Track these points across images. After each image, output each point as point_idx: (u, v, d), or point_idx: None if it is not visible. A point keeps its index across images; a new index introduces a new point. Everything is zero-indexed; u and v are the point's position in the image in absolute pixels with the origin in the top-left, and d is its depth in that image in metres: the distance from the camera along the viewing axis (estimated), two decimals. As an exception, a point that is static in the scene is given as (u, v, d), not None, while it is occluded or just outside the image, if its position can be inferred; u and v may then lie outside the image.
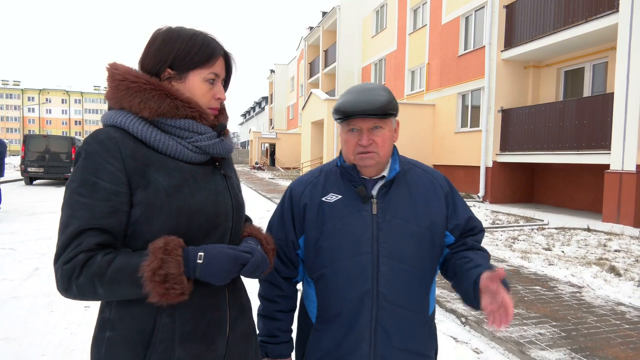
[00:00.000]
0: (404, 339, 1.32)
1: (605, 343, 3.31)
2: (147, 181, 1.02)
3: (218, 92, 1.17)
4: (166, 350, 1.03)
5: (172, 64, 1.10)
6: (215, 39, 1.16)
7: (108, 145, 1.00)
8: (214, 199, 1.12)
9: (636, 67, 8.38)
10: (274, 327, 1.41)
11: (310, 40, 32.67)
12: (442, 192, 1.38)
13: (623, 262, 5.65)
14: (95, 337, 1.07)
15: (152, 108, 1.05)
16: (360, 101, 1.27)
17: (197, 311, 1.07)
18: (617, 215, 8.64)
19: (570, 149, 10.13)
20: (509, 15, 12.14)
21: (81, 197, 0.98)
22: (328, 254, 1.32)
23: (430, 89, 17.87)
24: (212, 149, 1.13)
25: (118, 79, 1.08)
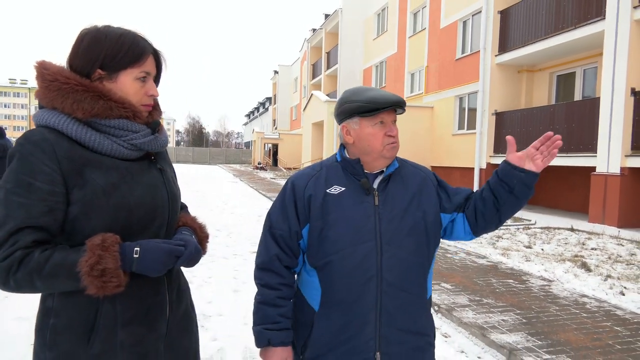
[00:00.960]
0: (406, 320, 1.41)
1: (561, 329, 3.64)
2: (84, 180, 1.06)
3: (150, 89, 1.19)
4: (109, 335, 1.09)
5: (102, 64, 1.12)
6: (144, 38, 1.19)
7: (43, 147, 1.03)
8: (151, 192, 1.17)
9: (621, 73, 8.67)
10: (276, 314, 1.42)
11: (313, 42, 33.02)
12: (433, 186, 1.51)
13: (596, 259, 5.96)
14: (39, 324, 1.12)
15: (86, 109, 1.08)
16: (390, 96, 1.39)
17: (138, 297, 1.13)
18: (603, 216, 8.92)
19: (560, 151, 10.36)
20: (503, 21, 12.43)
21: (17, 197, 1.00)
22: (334, 242, 1.38)
23: (429, 92, 18.17)
24: (147, 145, 1.17)
25: (49, 79, 1.09)
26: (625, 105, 8.58)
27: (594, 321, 3.81)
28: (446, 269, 5.47)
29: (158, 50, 1.22)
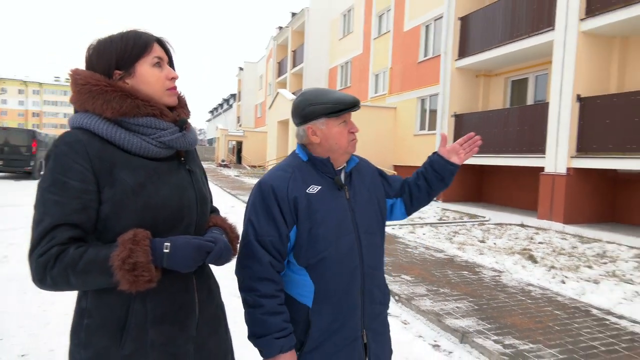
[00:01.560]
0: (380, 295, 1.59)
1: (508, 314, 4.00)
2: (114, 180, 1.09)
3: (169, 72, 1.22)
4: (140, 333, 1.11)
5: (117, 64, 1.16)
6: (145, 31, 1.23)
7: (75, 147, 1.07)
8: (178, 193, 1.19)
9: (568, 80, 9.32)
10: (281, 320, 1.42)
11: (279, 40, 33.03)
12: (376, 173, 1.70)
13: (542, 252, 6.46)
14: (75, 325, 1.14)
15: (115, 108, 1.12)
16: (351, 97, 1.50)
17: (167, 296, 1.15)
18: (550, 213, 9.56)
19: (513, 152, 11.04)
20: (463, 27, 12.99)
21: (53, 196, 1.04)
22: (324, 239, 1.45)
23: (392, 93, 18.67)
24: (175, 142, 1.20)
25: (80, 83, 1.14)
26: (571, 110, 9.22)
27: (537, 306, 4.20)
28: (406, 262, 5.79)
29: (160, 37, 1.25)
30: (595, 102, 8.94)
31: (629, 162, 8.23)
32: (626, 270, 5.44)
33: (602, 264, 5.80)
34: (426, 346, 3.44)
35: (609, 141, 8.63)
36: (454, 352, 3.34)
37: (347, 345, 1.48)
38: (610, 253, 6.43)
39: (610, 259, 6.05)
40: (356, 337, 1.49)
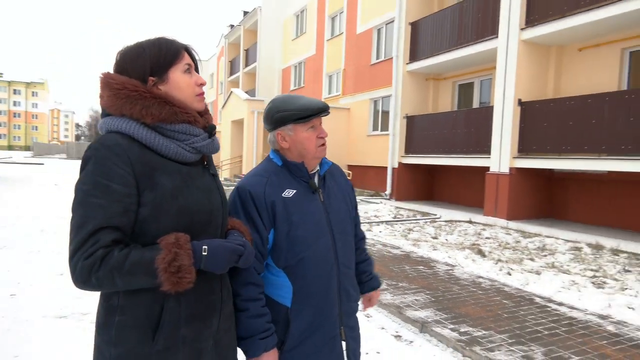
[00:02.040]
0: (353, 292, 1.67)
1: (462, 304, 4.30)
2: (154, 183, 1.12)
3: (198, 79, 1.28)
4: (173, 331, 1.15)
5: (152, 71, 1.19)
6: (173, 38, 1.28)
7: (117, 151, 1.09)
8: (208, 196, 1.24)
9: (510, 85, 9.97)
10: (264, 322, 1.47)
11: (230, 39, 32.59)
12: (345, 176, 1.81)
13: (489, 247, 6.92)
14: (103, 322, 1.15)
15: (154, 115, 1.15)
16: (318, 103, 1.56)
17: (198, 295, 1.19)
18: (495, 210, 10.19)
19: (460, 152, 11.64)
20: (413, 32, 13.50)
21: (96, 199, 1.06)
22: (303, 240, 1.51)
23: (346, 94, 19.01)
24: (206, 149, 1.25)
25: (116, 87, 1.15)
26: (513, 114, 9.87)
27: (487, 296, 4.54)
28: (366, 259, 6.01)
29: (188, 45, 1.29)
30: (535, 107, 9.63)
31: (564, 162, 8.95)
32: (563, 262, 5.95)
33: (543, 256, 6.31)
34: (389, 337, 3.65)
35: (547, 143, 9.33)
36: (415, 341, 3.57)
37: (326, 344, 1.54)
38: (549, 246, 7.00)
39: (549, 252, 6.59)
40: (335, 335, 1.57)
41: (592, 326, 3.80)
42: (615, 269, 5.61)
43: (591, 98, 8.48)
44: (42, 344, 3.20)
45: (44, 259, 5.55)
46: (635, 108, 7.73)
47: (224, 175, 22.60)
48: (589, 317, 4.02)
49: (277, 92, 26.01)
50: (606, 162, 8.19)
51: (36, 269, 5.07)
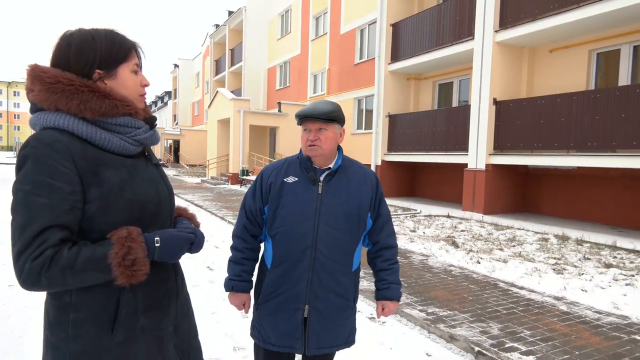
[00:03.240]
0: (332, 283, 1.80)
1: (432, 289, 4.66)
2: (99, 179, 1.10)
3: (143, 79, 1.26)
4: (131, 322, 1.16)
5: (100, 63, 1.15)
6: (124, 34, 1.24)
7: (57, 148, 1.05)
8: (154, 187, 1.24)
9: (485, 85, 10.41)
10: (240, 270, 1.89)
11: (216, 38, 32.66)
12: (371, 183, 1.90)
13: (463, 238, 7.32)
14: (56, 320, 1.13)
15: (94, 109, 1.11)
16: (310, 109, 1.80)
17: (154, 285, 1.21)
18: (472, 205, 10.63)
19: (440, 150, 12.06)
20: (394, 33, 13.88)
21: (39, 198, 1.02)
22: (283, 218, 1.79)
23: (330, 93, 19.34)
24: (147, 140, 1.25)
25: (49, 81, 1.10)
26: (489, 112, 10.32)
27: (455, 282, 4.92)
28: (346, 251, 6.36)
29: (136, 42, 1.26)
30: (509, 106, 10.08)
31: (536, 158, 9.42)
32: (530, 251, 6.37)
33: (512, 246, 6.73)
34: (364, 319, 3.99)
35: (520, 140, 9.79)
36: (387, 321, 3.91)
37: (287, 311, 1.79)
38: (519, 238, 7.42)
39: (518, 243, 7.01)
40: (297, 308, 1.78)
41: (546, 306, 4.19)
42: (577, 257, 6.04)
43: (560, 97, 8.95)
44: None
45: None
46: (600, 107, 8.20)
47: (211, 174, 22.77)
48: (545, 298, 4.42)
49: (262, 92, 26.23)
50: (574, 158, 8.66)
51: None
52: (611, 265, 5.58)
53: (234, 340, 3.43)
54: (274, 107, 22.67)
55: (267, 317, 1.83)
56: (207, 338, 3.35)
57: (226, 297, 2.00)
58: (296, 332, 1.79)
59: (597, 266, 5.54)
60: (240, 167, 19.16)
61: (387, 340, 3.51)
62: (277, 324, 1.81)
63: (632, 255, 6.23)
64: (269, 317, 1.83)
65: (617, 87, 8.26)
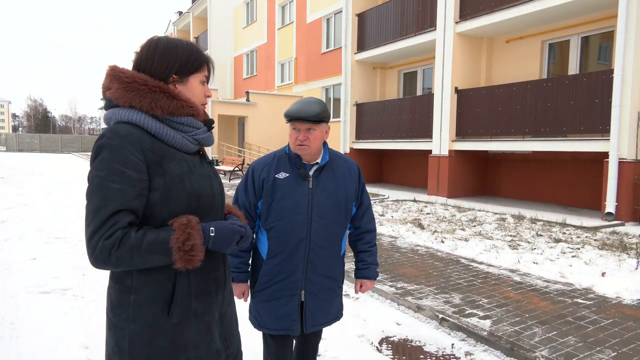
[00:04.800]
0: (324, 268, 1.96)
1: (400, 267, 5.05)
2: (163, 170, 1.21)
3: (208, 91, 1.40)
4: (185, 305, 1.26)
5: (177, 69, 1.29)
6: (201, 48, 1.39)
7: (130, 139, 1.17)
8: (209, 182, 1.35)
9: (447, 74, 10.87)
10: (237, 262, 2.00)
11: (179, 26, 32.01)
12: (355, 175, 2.05)
13: (428, 221, 7.78)
14: (118, 302, 1.24)
15: (164, 108, 1.23)
16: (300, 110, 1.85)
17: (205, 272, 1.30)
18: (437, 189, 11.17)
19: (406, 137, 12.52)
20: (360, 23, 14.16)
21: (113, 184, 1.13)
22: (278, 213, 1.90)
23: (298, 82, 19.50)
24: (205, 140, 1.36)
25: (126, 81, 1.22)
26: (451, 101, 10.81)
27: (422, 260, 5.33)
28: (319, 236, 6.67)
29: (211, 59, 1.40)
30: (469, 94, 10.60)
31: (494, 144, 9.99)
32: (489, 231, 6.88)
33: (473, 226, 7.23)
34: (338, 296, 4.32)
35: (480, 127, 10.34)
36: (360, 297, 4.26)
37: (284, 297, 1.94)
38: (479, 218, 7.95)
39: (478, 223, 7.53)
40: (294, 294, 1.94)
41: (502, 278, 4.65)
42: (530, 234, 6.59)
43: (515, 86, 9.52)
44: (32, 314, 3.61)
45: (13, 245, 5.78)
46: (551, 95, 8.81)
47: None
48: (501, 271, 4.88)
49: (229, 81, 26.04)
50: (529, 143, 9.27)
51: (8, 255, 5.33)
52: (560, 240, 6.14)
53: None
54: (242, 96, 22.60)
55: (263, 303, 1.98)
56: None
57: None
58: (293, 314, 1.95)
59: (548, 241, 6.09)
60: (210, 157, 19.04)
61: (361, 313, 3.85)
62: (274, 309, 1.95)
63: (579, 231, 6.85)
64: (265, 304, 1.97)
65: (566, 76, 8.88)
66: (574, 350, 3.01)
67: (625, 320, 3.52)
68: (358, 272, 2.18)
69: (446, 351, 3.19)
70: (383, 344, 3.29)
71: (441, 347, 3.26)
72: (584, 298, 4.03)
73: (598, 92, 8.03)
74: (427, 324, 3.65)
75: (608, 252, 5.49)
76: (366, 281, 2.17)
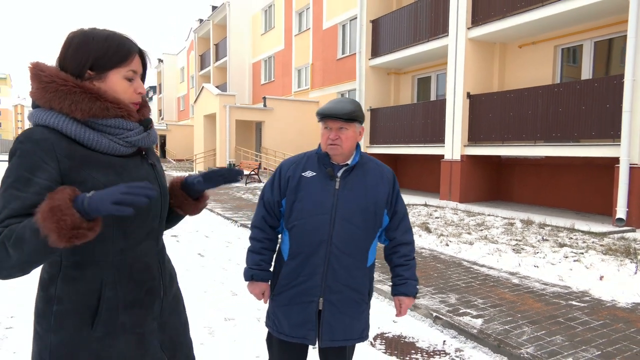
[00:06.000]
0: (346, 277, 1.82)
1: (402, 268, 5.19)
2: (83, 178, 1.11)
3: (138, 87, 1.25)
4: (111, 317, 1.18)
5: (92, 65, 1.16)
6: (130, 38, 1.23)
7: (43, 145, 1.07)
8: None
9: (459, 79, 10.95)
10: (259, 259, 1.91)
11: (200, 33, 32.74)
12: (388, 181, 1.91)
13: (436, 224, 7.88)
14: (42, 311, 1.17)
15: (84, 110, 1.12)
16: (332, 108, 1.79)
17: (136, 283, 1.23)
18: (449, 194, 11.22)
19: (419, 142, 12.61)
20: (374, 29, 14.34)
21: (15, 191, 1.04)
22: (300, 211, 1.82)
23: (314, 87, 19.78)
24: (140, 142, 1.24)
25: (45, 80, 1.12)
26: (463, 106, 10.88)
27: (424, 262, 5.46)
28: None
29: (143, 50, 1.27)
30: (481, 99, 10.65)
31: (506, 149, 10.02)
32: (495, 235, 6.96)
33: (479, 230, 7.31)
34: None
35: (492, 132, 10.38)
36: (360, 296, 4.44)
37: (301, 303, 1.83)
38: (487, 223, 8.01)
39: (485, 227, 7.60)
40: (312, 301, 1.82)
41: (501, 280, 4.75)
42: (536, 239, 6.63)
43: (527, 91, 9.54)
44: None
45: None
46: (563, 100, 8.81)
47: (199, 168, 23.07)
48: (501, 274, 4.98)
49: (248, 86, 26.53)
50: (540, 148, 9.28)
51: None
52: (565, 244, 6.18)
53: (224, 313, 3.91)
54: (260, 101, 23.00)
55: (281, 307, 1.88)
56: (200, 311, 3.85)
57: (216, 278, 2.16)
58: (309, 323, 1.84)
59: (553, 246, 6.14)
60: (227, 161, 19.52)
61: (358, 310, 4.03)
62: (291, 315, 1.85)
63: (585, 236, 6.86)
64: (283, 308, 1.87)
65: (578, 81, 8.87)
66: (559, 348, 3.12)
67: (616, 322, 3.60)
68: (395, 289, 1.97)
69: (437, 347, 3.34)
70: (377, 340, 3.46)
71: (433, 343, 3.41)
72: (579, 300, 4.11)
73: (609, 97, 8.01)
74: (422, 322, 3.80)
75: (611, 257, 5.52)
76: (404, 298, 1.94)
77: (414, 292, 1.95)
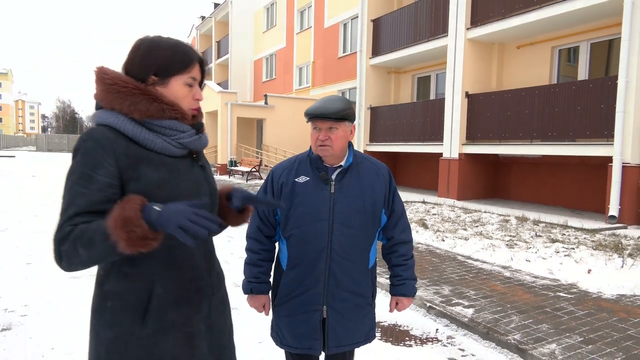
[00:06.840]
0: (349, 283, 1.76)
1: (399, 262, 5.39)
2: (138, 175, 1.17)
3: (196, 94, 1.32)
4: (161, 314, 1.22)
5: (157, 71, 1.24)
6: (192, 48, 1.31)
7: (103, 144, 1.14)
8: (196, 187, 1.30)
9: (458, 79, 11.13)
10: (257, 272, 1.84)
11: (202, 30, 32.87)
12: (384, 179, 1.83)
13: (433, 221, 8.08)
14: (98, 306, 1.23)
15: (142, 111, 1.19)
16: (320, 107, 1.69)
17: (185, 281, 1.26)
18: (447, 191, 11.42)
19: (418, 140, 12.79)
20: (375, 28, 14.50)
21: (80, 187, 1.11)
22: (296, 219, 1.73)
23: (315, 85, 19.95)
24: (192, 144, 1.29)
25: (108, 82, 1.20)
26: (461, 105, 11.05)
27: (420, 256, 5.66)
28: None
29: (203, 58, 1.34)
30: (479, 99, 10.83)
31: (504, 148, 10.21)
32: (490, 231, 7.15)
33: (475, 227, 7.51)
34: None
35: (489, 131, 10.56)
36: (358, 287, 4.63)
37: (305, 312, 1.77)
38: (483, 220, 8.21)
39: (481, 224, 7.79)
40: (316, 309, 1.76)
41: (493, 273, 4.95)
42: (530, 234, 6.83)
43: (524, 91, 9.72)
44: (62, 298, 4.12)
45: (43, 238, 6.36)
46: (559, 100, 8.99)
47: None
48: (494, 267, 5.18)
49: (249, 84, 26.69)
50: (537, 147, 9.46)
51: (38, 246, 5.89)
52: (557, 240, 6.38)
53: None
54: (261, 98, 23.17)
55: (284, 319, 1.82)
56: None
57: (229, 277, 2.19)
58: (314, 333, 1.78)
59: (545, 242, 6.33)
60: (229, 158, 19.71)
61: (356, 300, 4.23)
62: (295, 326, 1.79)
63: (578, 233, 7.06)
64: (286, 319, 1.82)
65: (573, 82, 9.05)
66: (544, 335, 3.32)
67: (600, 312, 3.80)
68: (393, 289, 1.95)
69: (430, 335, 3.54)
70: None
71: (426, 331, 3.61)
72: (567, 292, 4.31)
73: (604, 97, 8.19)
74: (416, 312, 4.00)
75: (601, 252, 5.71)
76: (402, 299, 1.94)
77: (412, 293, 1.94)
